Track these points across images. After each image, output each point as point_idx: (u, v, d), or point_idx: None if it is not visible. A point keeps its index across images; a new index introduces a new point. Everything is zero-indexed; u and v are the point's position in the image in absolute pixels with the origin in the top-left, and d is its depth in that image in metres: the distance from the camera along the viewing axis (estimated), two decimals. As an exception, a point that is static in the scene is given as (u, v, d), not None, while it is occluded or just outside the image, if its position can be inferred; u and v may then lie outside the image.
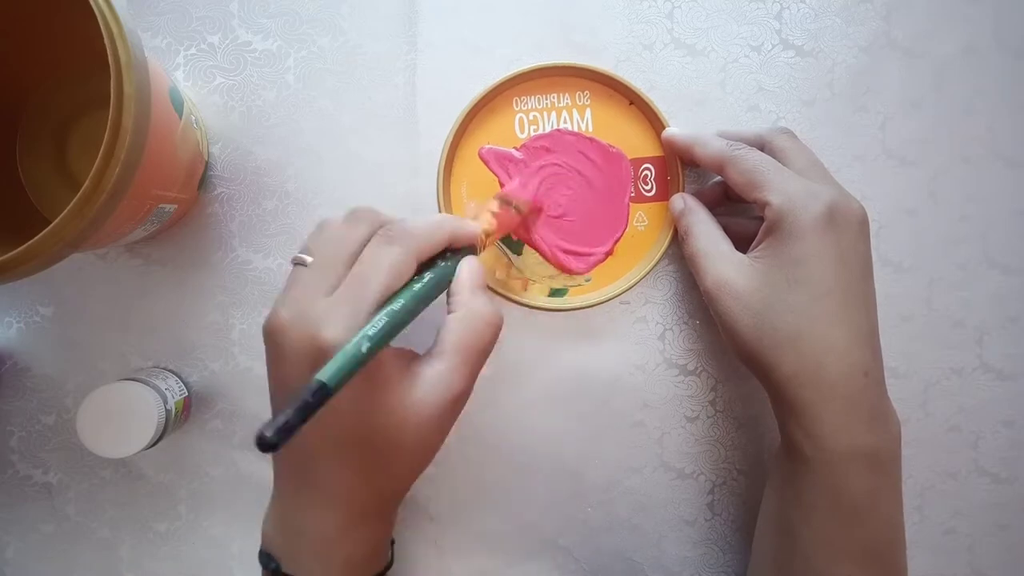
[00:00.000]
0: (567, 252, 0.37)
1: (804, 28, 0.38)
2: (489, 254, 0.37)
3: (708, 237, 0.34)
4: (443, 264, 0.29)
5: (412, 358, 0.28)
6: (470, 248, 0.31)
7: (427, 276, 0.28)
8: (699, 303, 0.39)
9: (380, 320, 0.24)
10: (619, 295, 0.37)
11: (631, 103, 0.37)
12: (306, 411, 0.21)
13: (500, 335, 0.29)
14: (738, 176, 0.33)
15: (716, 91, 0.38)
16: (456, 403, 0.27)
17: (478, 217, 0.32)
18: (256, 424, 0.38)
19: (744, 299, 0.31)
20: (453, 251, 0.30)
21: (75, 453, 0.38)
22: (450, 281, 0.29)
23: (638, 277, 0.37)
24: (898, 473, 0.31)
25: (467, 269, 0.29)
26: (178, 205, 0.35)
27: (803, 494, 0.31)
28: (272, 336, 0.26)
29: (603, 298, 0.37)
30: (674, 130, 0.36)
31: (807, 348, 0.30)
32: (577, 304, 0.37)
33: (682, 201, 0.36)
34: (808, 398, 0.30)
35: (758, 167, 0.32)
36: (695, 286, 0.38)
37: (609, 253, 0.37)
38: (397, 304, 0.25)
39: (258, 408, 0.38)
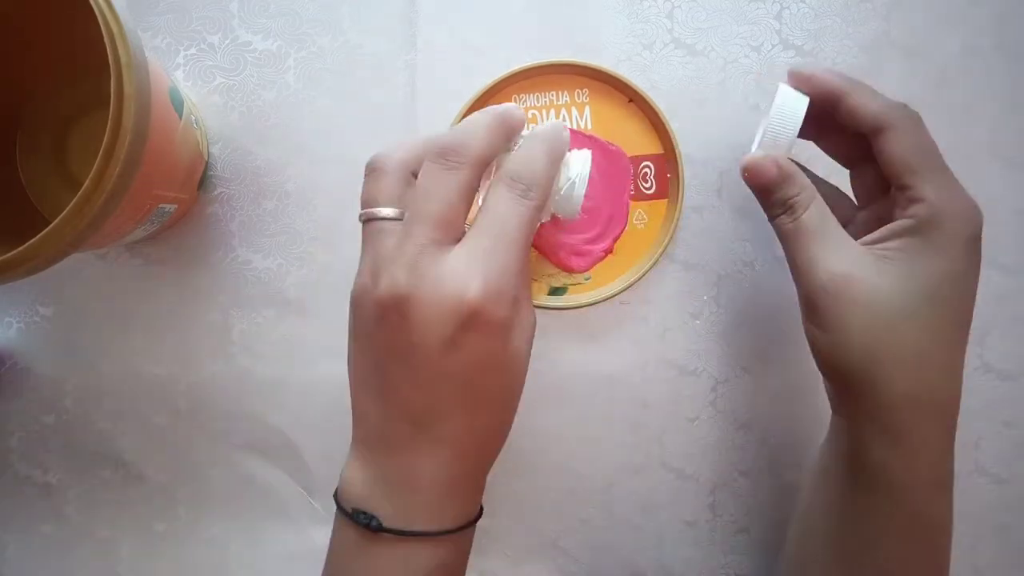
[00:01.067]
0: (566, 250, 0.37)
1: (804, 28, 0.38)
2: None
3: (820, 215, 0.28)
4: None
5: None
6: None
7: None
8: (699, 303, 0.39)
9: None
10: (619, 294, 0.37)
11: (630, 100, 0.37)
12: None
13: None
14: (899, 149, 0.27)
15: (716, 91, 0.38)
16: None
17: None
18: (257, 425, 0.38)
19: (865, 303, 0.27)
20: None
21: (75, 453, 0.38)
22: None
23: (638, 276, 0.37)
24: None
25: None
26: (178, 205, 0.35)
27: (876, 519, 0.28)
28: (391, 308, 0.25)
29: (603, 296, 0.37)
30: (815, 69, 0.30)
31: (929, 370, 0.27)
32: (577, 303, 0.37)
33: (776, 166, 0.29)
34: (916, 422, 0.27)
35: (925, 147, 0.27)
36: (696, 286, 0.39)
37: (608, 251, 0.37)
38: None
39: (258, 408, 0.38)
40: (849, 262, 0.27)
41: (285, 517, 0.39)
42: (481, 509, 0.30)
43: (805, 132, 0.30)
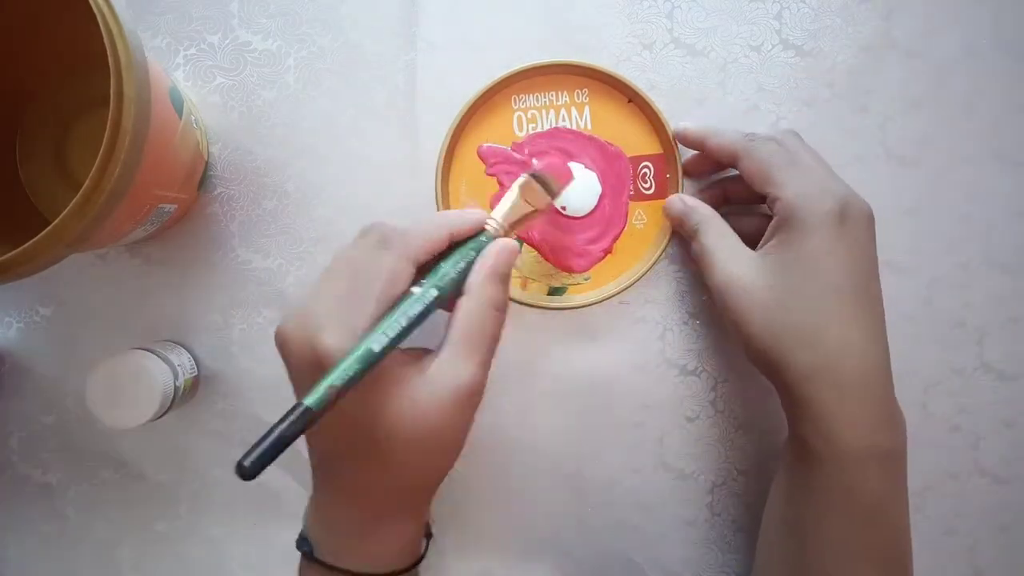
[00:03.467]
0: (566, 250, 0.37)
1: (804, 28, 0.38)
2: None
3: (716, 232, 0.34)
4: (452, 259, 0.28)
5: (419, 356, 0.28)
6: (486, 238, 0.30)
7: (432, 276, 0.28)
8: (699, 303, 0.39)
9: (372, 336, 0.25)
10: (618, 293, 0.37)
11: (629, 101, 0.37)
12: (283, 441, 0.22)
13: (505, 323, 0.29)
14: (751, 166, 0.32)
15: (716, 91, 0.38)
16: (467, 393, 0.27)
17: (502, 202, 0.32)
18: (257, 425, 0.38)
19: (755, 296, 0.31)
20: (461, 243, 0.29)
21: (75, 453, 0.38)
22: (459, 279, 0.28)
23: (637, 276, 0.37)
24: (905, 474, 0.31)
25: (492, 253, 0.28)
26: (178, 205, 0.35)
27: (814, 496, 0.30)
28: (278, 345, 0.27)
29: (602, 296, 0.37)
30: (687, 123, 0.36)
31: (823, 346, 0.29)
32: (576, 303, 0.37)
33: (681, 202, 0.35)
34: (824, 397, 0.29)
35: (772, 159, 0.32)
36: (695, 286, 0.39)
37: (608, 251, 0.37)
38: (394, 315, 0.26)
39: (258, 408, 0.38)
40: (737, 265, 0.32)
41: (285, 517, 0.39)
42: (420, 558, 0.31)
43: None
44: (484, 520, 0.39)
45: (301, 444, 0.38)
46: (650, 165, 0.38)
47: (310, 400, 0.23)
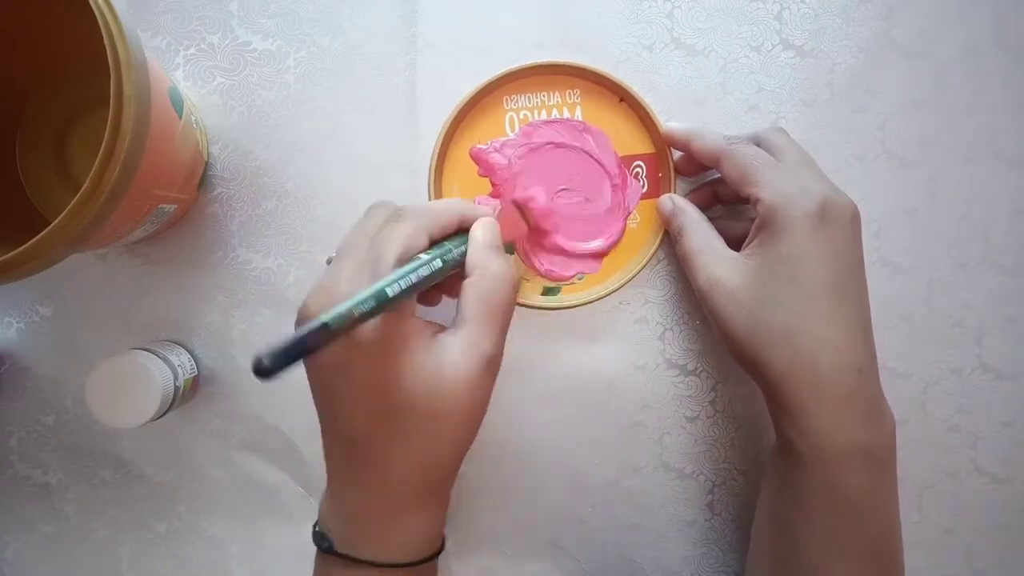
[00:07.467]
0: (559, 252, 0.37)
1: (804, 28, 0.38)
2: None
3: (700, 235, 0.34)
4: (456, 239, 0.30)
5: (438, 328, 0.28)
6: None
7: (437, 248, 0.28)
8: (698, 303, 0.39)
9: (387, 279, 0.25)
10: (612, 293, 0.37)
11: (621, 100, 0.37)
12: (303, 344, 0.22)
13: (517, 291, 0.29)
14: (732, 170, 0.33)
15: (716, 91, 0.38)
16: (487, 364, 0.27)
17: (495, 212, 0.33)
18: (257, 425, 0.38)
19: (736, 296, 0.31)
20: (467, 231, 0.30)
21: (75, 453, 0.38)
22: (463, 258, 0.29)
23: (631, 274, 0.37)
24: (893, 470, 0.31)
25: (480, 229, 0.30)
26: (178, 205, 0.35)
27: (799, 492, 0.31)
28: (301, 324, 0.26)
29: (596, 296, 0.37)
30: (673, 124, 0.36)
31: (800, 346, 0.30)
32: (569, 302, 0.37)
33: (671, 202, 0.36)
34: (802, 396, 0.30)
35: (752, 162, 0.32)
36: (695, 286, 0.39)
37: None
38: (407, 267, 0.26)
39: (258, 408, 0.38)
40: (720, 267, 0.32)
41: (285, 517, 0.39)
42: (442, 546, 0.31)
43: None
44: (484, 520, 0.39)
45: (300, 442, 0.38)
46: (642, 164, 0.38)
47: (327, 317, 0.22)
